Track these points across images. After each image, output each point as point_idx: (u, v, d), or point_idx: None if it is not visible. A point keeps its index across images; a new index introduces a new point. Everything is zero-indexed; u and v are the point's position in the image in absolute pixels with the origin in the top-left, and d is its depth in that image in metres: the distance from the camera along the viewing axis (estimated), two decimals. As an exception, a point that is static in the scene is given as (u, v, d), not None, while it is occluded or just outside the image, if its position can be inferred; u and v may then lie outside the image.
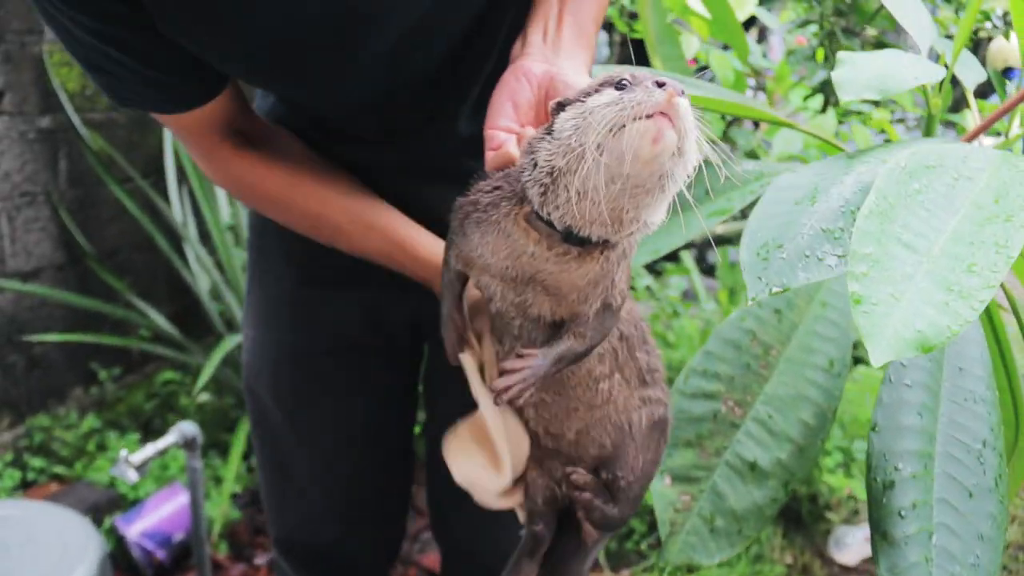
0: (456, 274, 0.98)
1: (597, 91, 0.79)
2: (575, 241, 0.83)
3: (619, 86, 0.77)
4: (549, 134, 0.81)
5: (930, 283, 0.66)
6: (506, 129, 0.96)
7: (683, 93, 0.73)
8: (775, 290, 0.74)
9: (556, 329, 0.94)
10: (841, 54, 1.03)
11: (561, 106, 0.82)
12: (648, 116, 0.73)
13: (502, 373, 0.93)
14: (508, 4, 1.20)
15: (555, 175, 0.79)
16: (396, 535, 1.71)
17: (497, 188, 0.89)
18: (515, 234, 0.86)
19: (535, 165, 0.82)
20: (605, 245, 0.84)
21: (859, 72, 0.99)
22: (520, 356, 0.93)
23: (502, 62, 1.07)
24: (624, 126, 0.73)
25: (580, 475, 1.02)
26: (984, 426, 1.00)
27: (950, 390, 1.02)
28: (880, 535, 0.90)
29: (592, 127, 0.76)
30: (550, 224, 0.83)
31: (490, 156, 0.94)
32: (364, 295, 1.39)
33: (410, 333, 1.48)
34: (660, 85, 0.73)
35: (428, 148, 1.29)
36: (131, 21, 0.99)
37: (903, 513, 0.91)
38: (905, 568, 0.87)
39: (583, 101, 0.79)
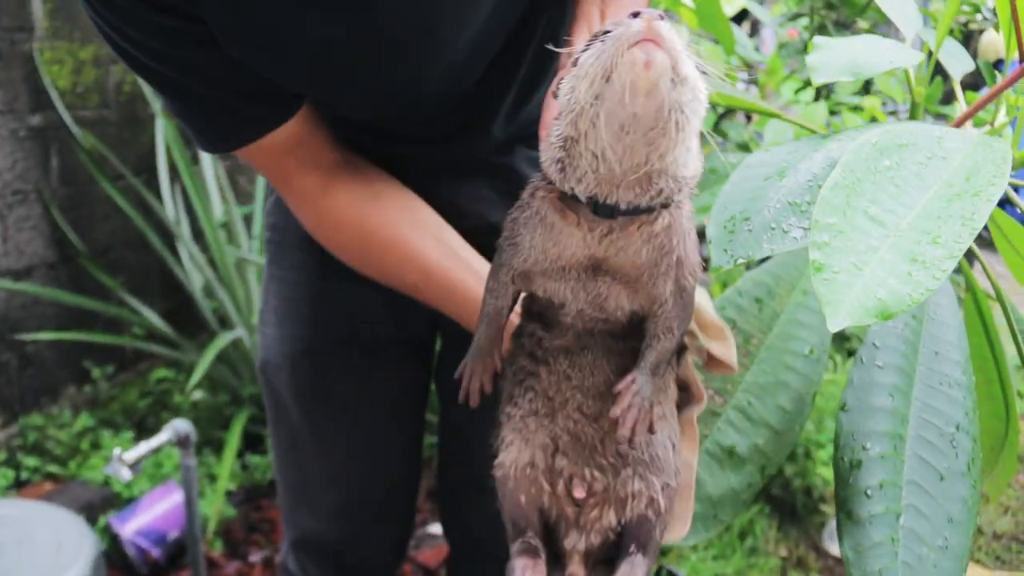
0: (507, 304, 0.93)
1: (585, 50, 0.77)
2: (606, 213, 0.80)
3: (602, 38, 0.75)
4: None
5: (894, 254, 0.66)
6: None
7: (662, 18, 0.71)
8: (740, 261, 0.74)
9: (629, 329, 0.90)
10: (817, 39, 1.03)
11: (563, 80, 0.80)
12: (633, 46, 0.70)
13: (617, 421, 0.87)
14: (540, 18, 1.21)
15: (567, 145, 0.77)
16: (406, 533, 1.71)
17: (531, 182, 0.86)
18: (556, 221, 0.83)
19: (548, 142, 0.79)
20: (643, 215, 0.80)
21: (834, 56, 0.99)
22: (618, 394, 0.87)
23: (533, 71, 1.05)
24: (613, 66, 0.71)
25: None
26: (959, 410, 1.00)
27: (925, 374, 1.02)
28: (845, 514, 0.89)
29: (583, 79, 0.73)
30: (575, 198, 0.79)
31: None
32: (385, 288, 1.39)
33: (429, 327, 1.48)
34: (635, 15, 0.71)
35: (461, 149, 1.30)
36: (190, 37, 1.00)
37: (869, 492, 0.90)
38: (869, 547, 0.86)
39: (575, 66, 0.77)
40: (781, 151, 0.87)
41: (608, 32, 0.74)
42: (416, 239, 1.16)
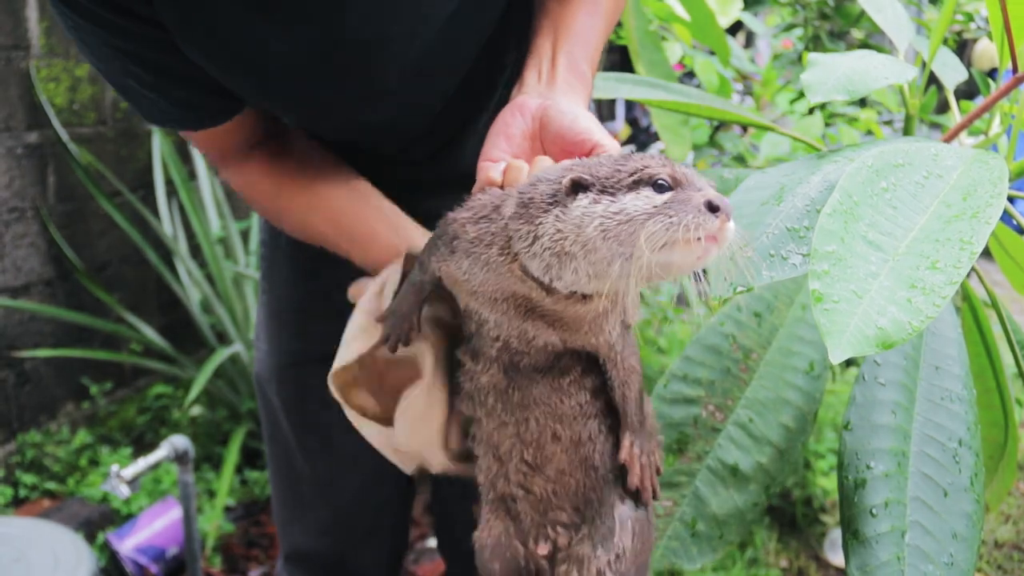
0: (430, 282, 0.96)
1: (632, 187, 0.76)
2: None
3: (657, 187, 0.75)
4: (555, 208, 0.78)
5: (894, 280, 0.66)
6: (497, 160, 0.96)
7: (730, 215, 0.72)
8: (740, 289, 0.74)
9: (555, 361, 0.92)
10: (811, 56, 1.04)
11: (577, 186, 0.78)
12: (701, 240, 0.71)
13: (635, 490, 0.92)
14: (508, 41, 1.21)
15: (564, 258, 0.77)
16: (400, 548, 1.71)
17: (483, 219, 0.86)
18: (510, 279, 0.83)
19: (535, 239, 0.78)
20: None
21: (828, 73, 0.99)
22: (627, 460, 0.91)
23: (506, 97, 1.08)
24: (672, 244, 0.71)
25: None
26: (960, 425, 1.00)
27: (926, 389, 1.02)
28: (851, 533, 0.90)
29: (633, 239, 0.73)
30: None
31: (475, 188, 0.94)
32: None
33: None
34: (712, 209, 0.72)
35: (442, 167, 1.31)
36: (152, 41, 1.01)
37: (874, 511, 0.90)
38: (876, 567, 0.86)
39: (612, 196, 0.76)
40: (777, 173, 0.87)
41: (663, 182, 0.75)
42: (326, 187, 1.18)
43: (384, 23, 1.05)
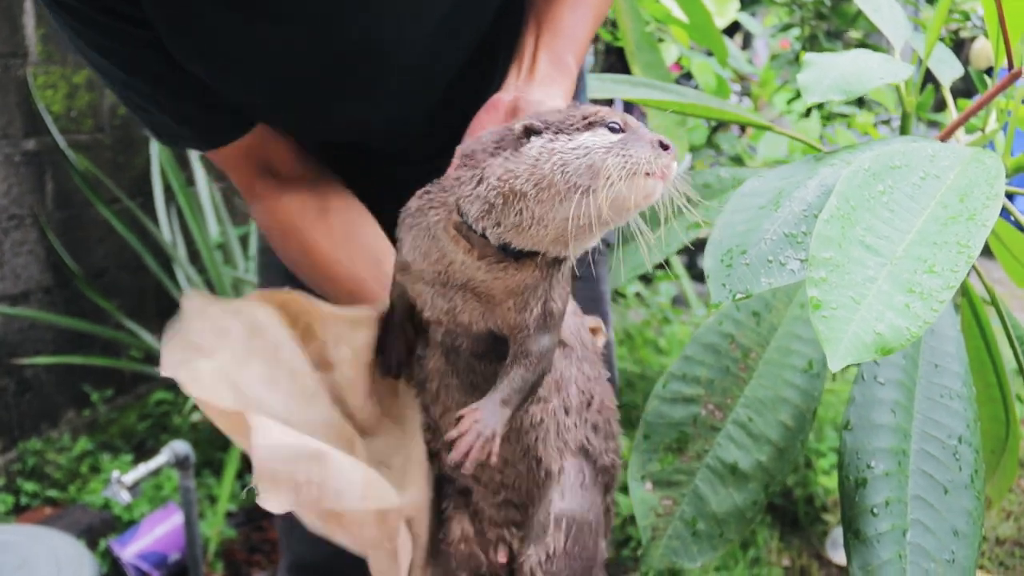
0: (400, 288, 0.97)
1: (587, 128, 0.80)
2: (511, 253, 0.83)
3: (612, 128, 0.79)
4: (503, 152, 0.81)
5: (892, 285, 0.67)
6: None
7: (675, 156, 0.78)
8: (738, 296, 0.75)
9: (492, 345, 0.93)
10: (807, 56, 1.04)
11: (530, 131, 0.81)
12: (648, 174, 0.76)
13: (449, 446, 0.86)
14: (504, 40, 1.21)
15: (510, 198, 0.79)
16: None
17: (426, 192, 0.89)
18: (443, 240, 0.86)
19: (479, 181, 0.81)
20: (540, 255, 0.84)
21: (824, 74, 1.00)
22: (459, 418, 0.87)
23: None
24: (621, 179, 0.75)
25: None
26: (960, 422, 1.00)
27: (925, 387, 1.03)
28: (852, 533, 0.90)
29: (583, 165, 0.77)
30: (483, 236, 0.83)
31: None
32: None
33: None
34: (664, 147, 0.77)
35: (438, 169, 1.31)
36: (140, 43, 1.03)
37: (875, 511, 0.91)
38: (878, 565, 0.87)
39: (569, 135, 0.79)
40: (774, 177, 0.88)
41: (616, 124, 0.79)
42: (349, 260, 1.18)
43: (376, 22, 1.05)
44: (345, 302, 1.14)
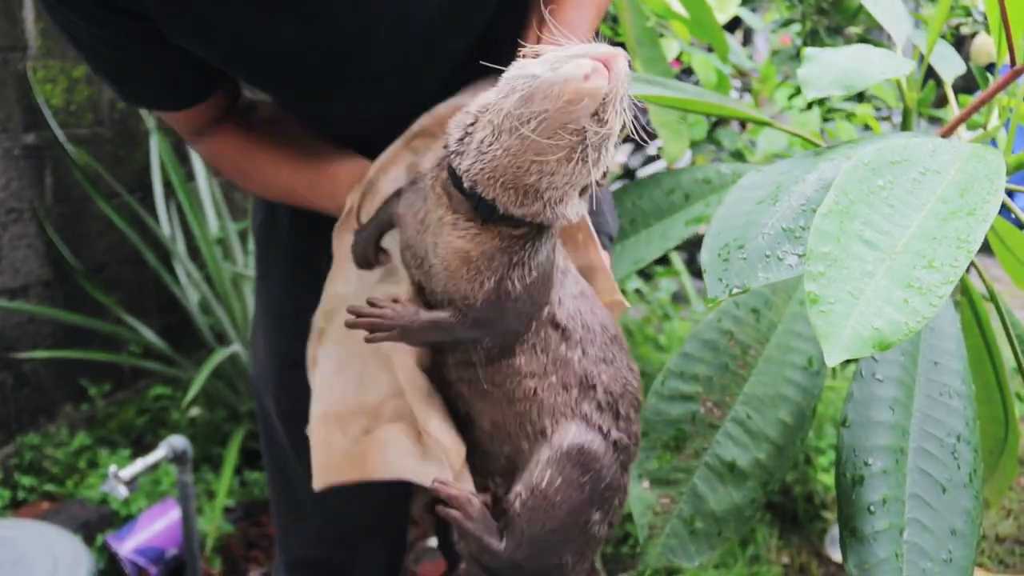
0: (387, 221, 1.02)
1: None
2: (483, 212, 0.83)
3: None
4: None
5: (890, 280, 0.66)
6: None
7: (628, 62, 0.74)
8: (735, 291, 0.74)
9: None
10: (808, 50, 1.03)
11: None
12: (587, 57, 0.74)
13: (371, 304, 0.92)
14: (504, 40, 1.21)
15: (478, 116, 0.80)
16: (398, 549, 1.70)
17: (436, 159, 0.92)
18: (431, 198, 0.88)
19: (467, 111, 0.84)
20: (511, 222, 0.83)
21: (825, 68, 0.99)
22: (396, 301, 0.92)
23: None
24: (560, 63, 0.74)
25: (452, 490, 0.95)
26: (959, 421, 1.00)
27: (924, 384, 1.02)
28: (849, 531, 0.90)
29: (531, 63, 0.77)
30: (464, 194, 0.84)
31: None
32: None
33: None
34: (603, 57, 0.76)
35: None
36: (132, 27, 1.03)
37: (872, 509, 0.90)
38: (874, 564, 0.86)
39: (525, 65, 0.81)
40: (773, 171, 0.87)
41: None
42: (287, 142, 1.21)
43: (367, 13, 1.05)
44: (304, 182, 1.20)
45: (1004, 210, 1.24)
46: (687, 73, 3.44)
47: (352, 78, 1.12)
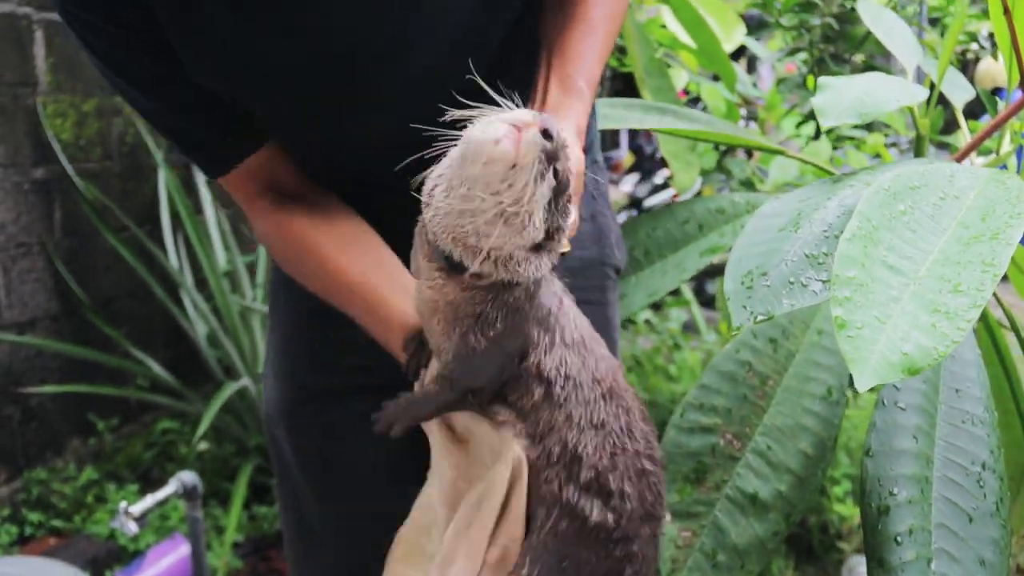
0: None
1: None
2: (448, 263, 0.84)
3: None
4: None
5: (916, 305, 0.65)
6: None
7: (548, 134, 0.76)
8: (760, 318, 0.73)
9: None
10: (822, 79, 1.03)
11: None
12: (504, 124, 0.76)
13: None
14: (519, 60, 1.21)
15: (445, 170, 0.82)
16: None
17: None
18: (417, 244, 0.90)
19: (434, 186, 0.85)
20: (475, 275, 0.83)
21: (840, 97, 0.99)
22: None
23: None
24: (483, 131, 0.76)
25: None
26: (983, 448, 0.98)
27: (947, 412, 1.01)
28: (876, 562, 0.88)
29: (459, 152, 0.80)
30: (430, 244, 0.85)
31: None
32: None
33: None
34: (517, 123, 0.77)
35: None
36: (163, 70, 1.05)
37: (899, 539, 0.89)
38: (903, 596, 0.84)
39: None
40: (793, 199, 0.86)
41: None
42: (360, 264, 1.17)
43: (377, 32, 1.05)
44: (358, 307, 1.14)
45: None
46: (694, 102, 3.45)
47: (364, 94, 1.11)
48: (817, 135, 2.70)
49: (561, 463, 0.89)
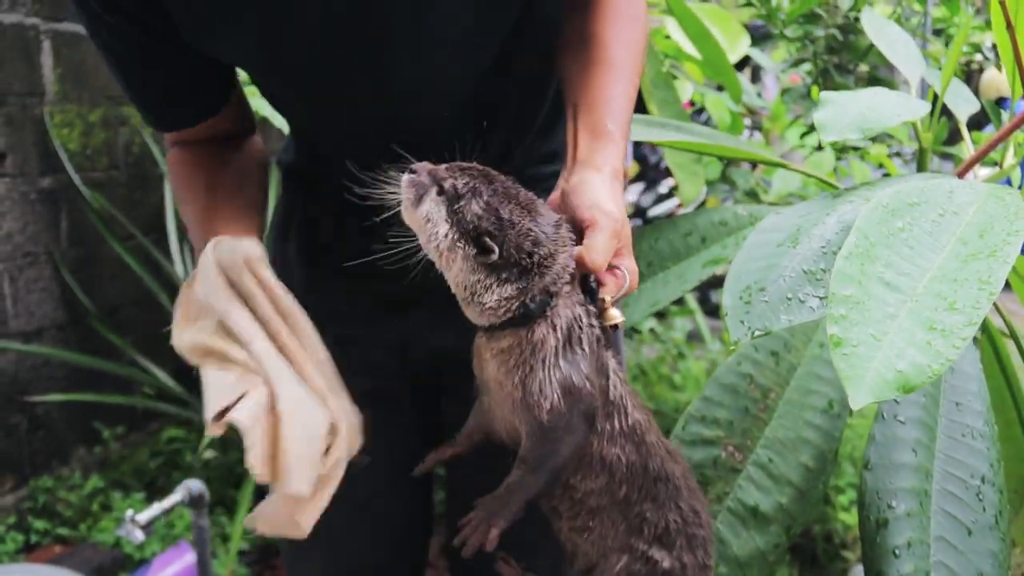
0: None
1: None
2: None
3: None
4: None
5: (913, 322, 0.66)
6: None
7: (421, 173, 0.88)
8: (757, 333, 0.74)
9: None
10: (824, 94, 1.04)
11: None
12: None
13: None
14: (507, 83, 1.21)
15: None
16: None
17: None
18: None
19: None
20: (505, 328, 0.86)
21: (843, 112, 0.99)
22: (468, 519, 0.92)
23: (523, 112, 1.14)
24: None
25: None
26: (983, 462, 0.99)
27: (947, 426, 1.01)
28: (874, 574, 0.88)
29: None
30: None
31: None
32: (388, 334, 1.37)
33: (431, 373, 1.46)
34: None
35: None
36: (148, 30, 1.05)
37: (897, 552, 0.89)
38: (902, 610, 0.85)
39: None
40: (792, 214, 0.87)
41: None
42: (214, 178, 1.20)
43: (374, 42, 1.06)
44: (196, 216, 1.18)
45: (1020, 246, 1.23)
46: (699, 113, 3.46)
47: (392, 94, 1.12)
48: (821, 145, 2.71)
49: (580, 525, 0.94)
